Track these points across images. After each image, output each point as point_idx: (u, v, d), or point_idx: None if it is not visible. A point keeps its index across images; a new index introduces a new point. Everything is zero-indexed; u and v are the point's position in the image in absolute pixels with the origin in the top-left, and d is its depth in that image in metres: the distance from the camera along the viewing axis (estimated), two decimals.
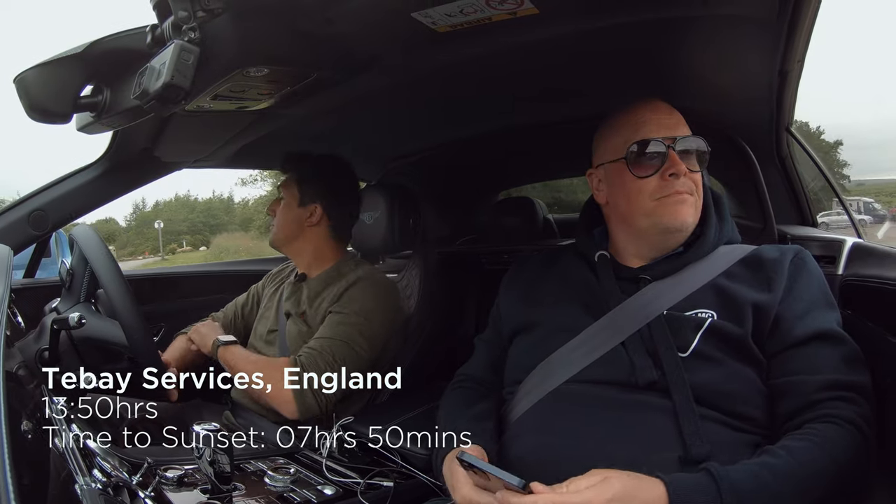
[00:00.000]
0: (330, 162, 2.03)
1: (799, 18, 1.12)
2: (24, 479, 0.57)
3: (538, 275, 1.38)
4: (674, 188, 1.19)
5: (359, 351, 1.75)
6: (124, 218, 39.01)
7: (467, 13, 1.07)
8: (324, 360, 1.69)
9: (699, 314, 1.13)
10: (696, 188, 1.21)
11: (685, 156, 1.20)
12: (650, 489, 0.92)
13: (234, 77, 1.17)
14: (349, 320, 1.79)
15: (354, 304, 1.82)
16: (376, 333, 1.81)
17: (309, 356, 1.70)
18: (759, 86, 1.46)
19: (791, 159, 1.85)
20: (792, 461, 0.95)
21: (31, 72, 1.15)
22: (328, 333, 1.77)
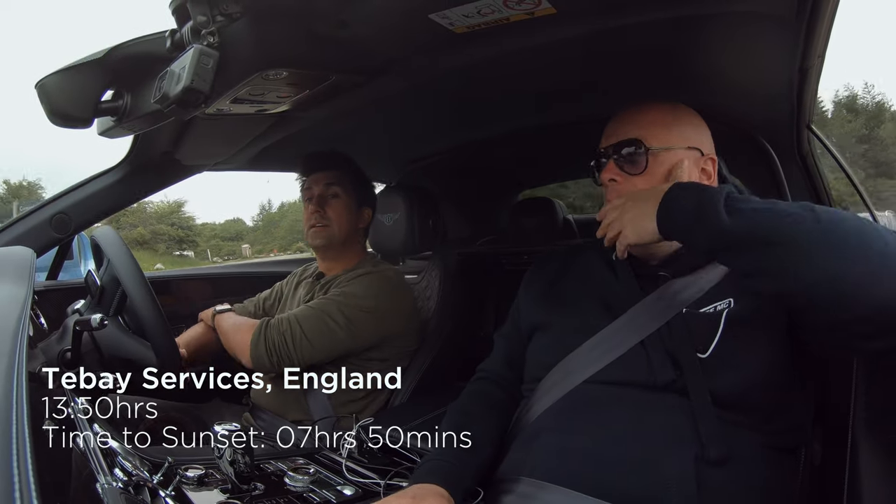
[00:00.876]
0: (359, 166, 2.05)
1: (818, 15, 1.10)
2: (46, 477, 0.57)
3: (558, 273, 1.38)
4: (607, 196, 1.25)
5: (332, 326, 1.77)
6: (251, 218, 41.24)
7: (485, 14, 1.06)
8: (289, 323, 1.75)
9: (718, 307, 1.12)
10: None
11: (623, 161, 1.24)
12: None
13: (254, 80, 1.17)
14: (334, 297, 1.82)
15: (349, 287, 1.85)
16: (360, 319, 1.81)
17: (277, 318, 1.77)
18: (779, 83, 1.44)
19: (812, 157, 1.83)
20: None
21: (53, 77, 1.16)
22: (309, 304, 1.83)
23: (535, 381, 1.25)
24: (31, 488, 0.40)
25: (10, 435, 0.44)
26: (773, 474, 1.06)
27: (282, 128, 1.67)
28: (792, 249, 0.91)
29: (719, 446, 1.01)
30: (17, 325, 0.70)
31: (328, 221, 1.96)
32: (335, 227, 1.96)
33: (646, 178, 1.21)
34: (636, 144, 1.22)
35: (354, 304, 1.81)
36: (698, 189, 1.04)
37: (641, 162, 1.22)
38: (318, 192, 1.97)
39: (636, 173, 1.22)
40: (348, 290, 1.83)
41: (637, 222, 1.09)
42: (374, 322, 1.85)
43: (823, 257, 0.90)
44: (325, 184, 1.97)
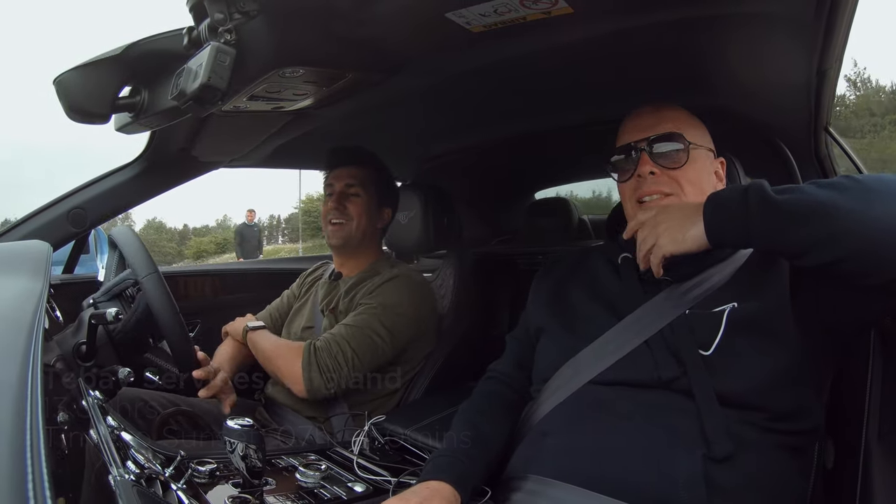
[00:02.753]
0: (385, 165, 2.05)
1: (836, 17, 1.10)
2: (59, 469, 0.58)
3: (567, 275, 1.39)
4: (642, 189, 1.24)
5: (377, 340, 1.76)
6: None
7: (501, 13, 1.06)
8: (337, 344, 1.71)
9: (721, 308, 1.12)
10: (679, 186, 1.22)
11: (661, 155, 1.23)
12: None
13: (270, 78, 1.18)
14: (372, 310, 1.80)
15: (382, 296, 1.83)
16: (399, 327, 1.82)
17: (324, 340, 1.73)
18: (797, 85, 1.43)
19: (830, 160, 1.81)
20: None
21: (71, 73, 1.17)
22: (349, 321, 1.79)
23: (543, 382, 1.26)
24: (44, 480, 0.40)
25: (25, 427, 0.45)
26: (783, 475, 1.06)
27: (298, 125, 1.68)
28: (842, 211, 0.92)
29: (726, 445, 1.01)
30: (33, 318, 0.70)
31: (348, 218, 1.95)
32: (354, 224, 1.95)
33: (684, 172, 1.22)
34: (677, 138, 1.22)
35: (393, 312, 1.82)
36: (736, 189, 1.05)
37: (682, 156, 1.22)
38: (338, 188, 1.96)
39: (675, 167, 1.22)
40: (384, 301, 1.83)
41: (674, 232, 1.09)
42: (410, 326, 1.87)
43: (873, 212, 0.91)
44: (347, 181, 1.96)
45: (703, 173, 1.24)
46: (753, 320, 1.09)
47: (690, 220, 1.07)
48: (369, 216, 1.97)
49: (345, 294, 1.93)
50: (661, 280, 1.19)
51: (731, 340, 1.09)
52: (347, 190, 1.96)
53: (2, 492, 0.37)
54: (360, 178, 1.96)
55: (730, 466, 1.00)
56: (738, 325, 1.09)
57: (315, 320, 1.97)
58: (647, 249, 1.13)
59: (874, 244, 0.90)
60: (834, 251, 0.93)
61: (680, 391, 1.08)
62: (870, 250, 0.91)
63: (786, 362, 1.06)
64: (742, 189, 1.02)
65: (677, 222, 1.09)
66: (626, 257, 1.27)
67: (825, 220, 0.93)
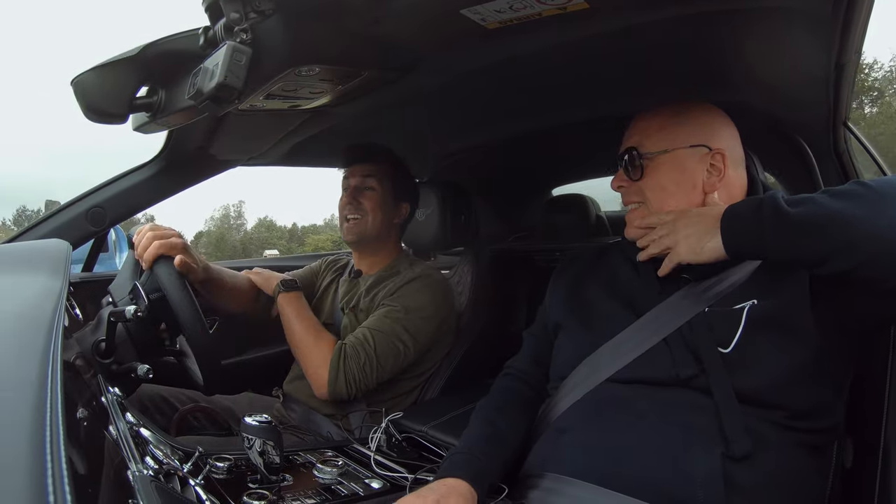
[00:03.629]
0: (402, 161, 2.04)
1: (855, 9, 1.08)
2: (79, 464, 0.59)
3: (585, 272, 1.39)
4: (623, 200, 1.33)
5: (401, 347, 1.76)
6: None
7: (517, 9, 1.06)
8: (365, 352, 1.71)
9: (740, 305, 1.12)
10: (643, 195, 1.28)
11: (626, 169, 1.30)
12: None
13: (287, 76, 1.18)
14: (396, 314, 1.79)
15: (405, 299, 1.83)
16: (423, 331, 1.82)
17: (353, 346, 1.71)
18: (815, 80, 1.42)
19: (849, 154, 1.79)
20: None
21: (88, 74, 1.18)
22: (375, 325, 1.77)
23: (560, 379, 1.26)
24: (63, 475, 0.41)
25: (44, 423, 0.45)
26: (801, 473, 1.05)
27: (315, 123, 1.68)
28: (856, 220, 0.93)
29: (745, 443, 1.01)
30: (53, 315, 0.71)
31: (362, 213, 1.94)
32: (369, 219, 1.94)
33: (647, 181, 1.27)
34: (631, 152, 1.28)
35: (417, 316, 1.82)
36: (752, 201, 1.07)
37: (638, 168, 1.27)
38: (353, 183, 1.96)
39: (637, 179, 1.27)
40: (408, 304, 1.82)
41: (693, 241, 1.12)
42: (432, 329, 1.87)
43: (886, 218, 0.92)
44: (361, 176, 1.96)
45: (672, 176, 1.25)
46: (773, 317, 1.09)
47: (709, 232, 1.09)
48: (385, 211, 1.96)
49: (365, 293, 1.93)
50: (680, 278, 1.19)
51: (751, 338, 1.08)
52: (362, 185, 1.95)
53: (22, 487, 0.37)
54: (374, 173, 1.96)
55: (748, 465, 1.00)
56: (758, 323, 1.09)
57: (335, 317, 1.97)
58: (662, 249, 1.16)
59: (889, 250, 0.91)
60: (849, 260, 0.94)
61: (698, 389, 1.08)
62: (885, 256, 0.91)
63: (805, 360, 1.05)
64: (757, 202, 1.04)
65: (697, 231, 1.12)
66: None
67: (839, 230, 0.94)
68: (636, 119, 1.32)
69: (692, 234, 1.12)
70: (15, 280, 0.93)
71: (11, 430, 0.43)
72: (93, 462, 0.74)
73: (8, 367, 0.55)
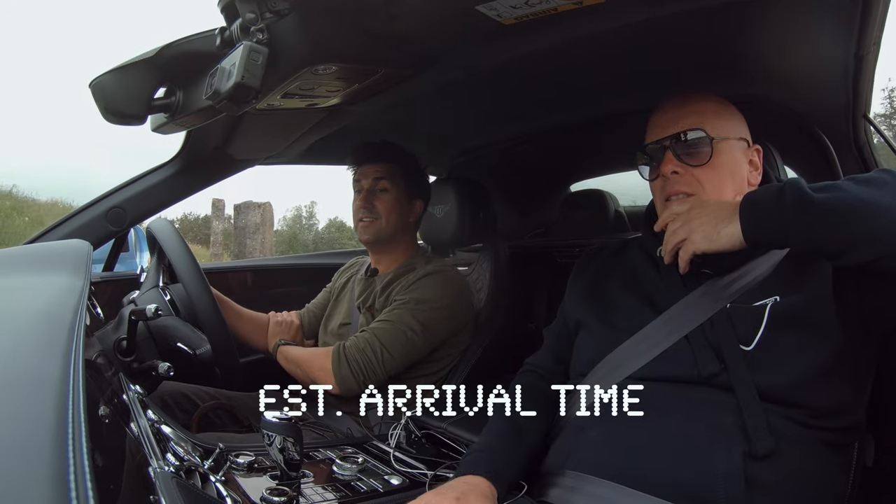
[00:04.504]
0: (414, 157, 2.04)
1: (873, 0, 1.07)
2: (101, 461, 0.59)
3: (604, 268, 1.38)
4: (667, 189, 1.22)
5: (410, 335, 1.76)
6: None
7: (532, 4, 1.05)
8: (366, 341, 1.73)
9: (763, 302, 1.10)
10: (700, 185, 1.20)
11: (684, 152, 1.21)
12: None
13: (304, 75, 1.18)
14: (406, 305, 1.80)
15: (417, 291, 1.83)
16: (434, 321, 1.82)
17: (353, 338, 1.75)
18: (835, 72, 1.40)
19: (869, 147, 1.77)
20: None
21: (106, 76, 1.19)
22: (382, 317, 1.80)
23: (581, 376, 1.25)
24: (85, 472, 0.41)
25: (67, 420, 0.46)
26: (822, 472, 1.04)
27: (332, 121, 1.68)
28: (881, 208, 0.90)
29: (767, 442, 0.99)
30: (74, 314, 0.72)
31: (376, 215, 1.94)
32: (383, 221, 1.95)
33: (707, 170, 1.20)
34: (698, 133, 1.20)
35: (428, 307, 1.82)
36: (771, 187, 1.02)
37: (706, 152, 1.20)
38: (366, 185, 1.96)
39: (699, 164, 1.20)
40: (418, 296, 1.83)
41: (709, 228, 1.07)
42: (446, 322, 1.86)
43: None
44: (373, 177, 1.96)
45: (731, 166, 1.21)
46: (796, 314, 1.07)
47: (726, 218, 1.05)
48: (399, 211, 1.97)
49: (381, 291, 1.93)
50: (701, 273, 1.17)
51: (773, 335, 1.06)
52: (375, 186, 1.96)
53: (45, 483, 0.38)
54: (387, 173, 1.96)
55: (769, 463, 0.99)
56: (780, 320, 1.07)
57: (352, 317, 1.98)
58: (677, 243, 1.12)
59: None
60: (874, 250, 0.91)
61: (720, 387, 1.07)
62: None
63: (828, 358, 1.04)
64: (778, 188, 0.99)
65: (712, 219, 1.07)
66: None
67: (865, 217, 0.90)
68: (680, 101, 1.25)
69: (707, 222, 1.07)
70: (37, 280, 0.94)
71: (35, 428, 0.44)
72: (114, 459, 0.75)
73: (31, 365, 0.56)
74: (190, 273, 1.53)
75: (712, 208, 1.10)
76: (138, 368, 1.49)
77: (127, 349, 1.48)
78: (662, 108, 1.26)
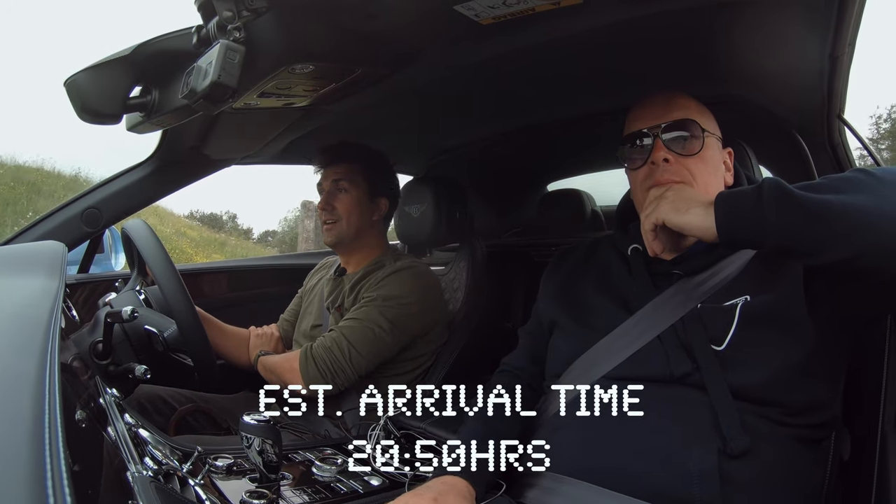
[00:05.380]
0: (381, 154, 2.03)
1: (848, 1, 1.09)
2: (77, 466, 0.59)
3: (577, 268, 1.38)
4: (654, 178, 1.20)
5: (378, 332, 1.75)
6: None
7: (510, 4, 1.06)
8: (332, 340, 1.73)
9: (734, 301, 1.11)
10: (692, 175, 1.19)
11: (675, 142, 1.20)
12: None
13: (280, 74, 1.18)
14: (374, 302, 1.79)
15: (385, 288, 1.83)
16: (403, 318, 1.81)
17: (320, 339, 1.74)
18: (809, 72, 1.42)
19: (843, 147, 1.80)
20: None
21: (82, 75, 1.17)
22: (349, 315, 1.79)
23: (556, 377, 1.25)
24: (62, 477, 0.41)
25: (43, 424, 0.45)
26: (798, 468, 1.05)
27: (309, 121, 1.68)
28: (856, 207, 0.90)
29: (741, 440, 1.00)
30: (50, 317, 0.71)
31: (337, 217, 1.94)
32: (344, 222, 1.94)
33: (698, 161, 1.20)
34: (691, 125, 1.20)
35: (396, 303, 1.80)
36: (750, 186, 1.01)
37: (698, 144, 1.20)
38: (326, 187, 1.96)
39: (690, 154, 1.20)
40: (386, 293, 1.82)
41: (678, 202, 1.07)
42: (415, 318, 1.85)
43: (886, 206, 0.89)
44: (333, 179, 1.95)
45: (716, 162, 1.22)
46: (766, 313, 1.08)
47: (701, 204, 1.04)
48: (360, 211, 1.95)
49: (349, 291, 1.92)
50: (672, 273, 1.18)
51: (744, 335, 1.07)
52: (335, 188, 1.95)
53: (22, 489, 0.37)
54: (346, 174, 1.94)
55: (745, 461, 1.00)
56: (751, 319, 1.08)
57: (323, 318, 1.97)
58: (647, 217, 1.12)
59: (890, 240, 0.89)
60: (849, 249, 0.90)
61: (693, 386, 1.07)
62: (886, 246, 0.89)
63: (799, 356, 1.05)
64: (755, 186, 0.98)
65: (685, 197, 1.07)
66: (636, 249, 1.26)
67: (841, 216, 0.90)
68: (670, 94, 1.25)
69: (679, 198, 1.07)
70: (11, 282, 0.93)
71: (11, 432, 0.43)
72: (92, 463, 0.74)
73: (6, 368, 0.55)
74: (165, 274, 1.52)
75: (690, 192, 1.09)
76: (115, 371, 1.47)
77: (103, 352, 1.47)
78: (649, 101, 1.26)
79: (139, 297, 1.68)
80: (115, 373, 1.47)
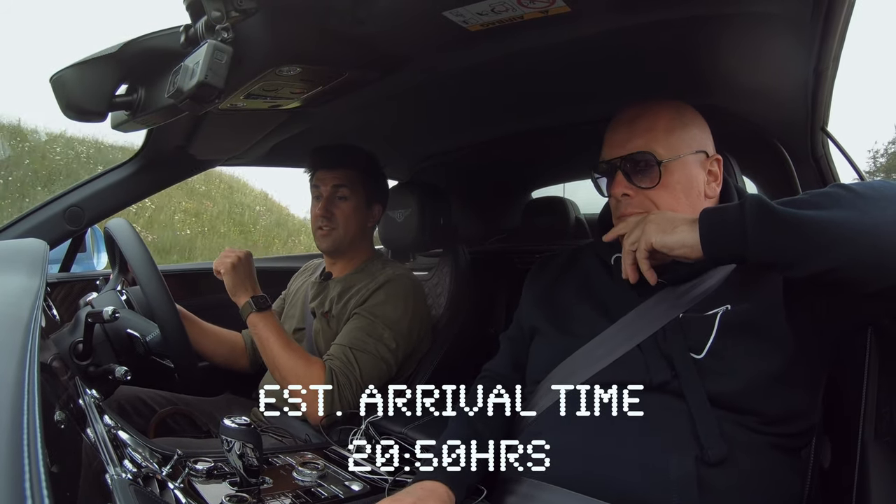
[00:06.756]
0: (376, 160, 2.00)
1: (833, 16, 1.10)
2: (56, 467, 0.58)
3: (558, 275, 1.39)
4: (619, 210, 1.23)
5: (384, 367, 1.74)
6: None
7: (499, 11, 1.06)
8: (357, 380, 1.67)
9: (714, 311, 1.11)
10: (655, 205, 1.20)
11: (635, 174, 1.21)
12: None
13: (267, 76, 1.18)
14: (380, 332, 1.76)
15: (380, 308, 1.80)
16: (402, 342, 1.80)
17: (343, 374, 1.67)
18: (794, 85, 1.44)
19: (827, 160, 1.82)
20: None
21: (68, 71, 1.16)
22: (359, 345, 1.73)
23: (536, 383, 1.26)
24: (41, 478, 0.40)
25: (21, 425, 0.45)
26: (778, 476, 1.05)
27: (295, 123, 1.67)
28: (836, 221, 0.91)
29: (719, 448, 1.01)
30: (30, 316, 0.70)
31: (335, 224, 1.90)
32: (341, 230, 1.90)
33: (659, 191, 1.20)
34: (646, 157, 1.20)
35: (396, 329, 1.78)
36: (732, 203, 1.02)
37: (654, 175, 1.20)
38: (325, 193, 1.90)
39: (649, 186, 1.20)
40: (385, 318, 1.78)
41: (664, 224, 1.07)
42: (410, 337, 1.84)
43: (867, 220, 0.91)
44: (333, 184, 1.90)
45: (684, 183, 1.21)
46: (747, 323, 1.09)
47: (684, 223, 1.05)
48: (358, 218, 1.93)
49: (337, 298, 1.89)
50: (656, 283, 1.19)
51: (723, 343, 1.08)
52: (335, 194, 1.90)
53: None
54: (347, 180, 1.90)
55: (723, 469, 1.00)
56: (731, 328, 1.09)
57: (306, 322, 1.94)
58: (633, 243, 1.12)
59: (869, 253, 0.90)
60: (829, 261, 0.92)
61: (672, 394, 1.08)
62: (865, 259, 0.91)
63: (779, 365, 1.06)
64: (738, 203, 1.00)
65: (668, 218, 1.08)
66: (619, 257, 1.25)
67: (821, 230, 0.92)
68: (631, 118, 1.24)
69: (663, 220, 1.08)
70: None
71: None
72: (70, 465, 0.73)
73: None
74: (148, 275, 1.51)
75: (670, 215, 1.10)
76: (95, 372, 1.46)
77: (83, 352, 1.46)
78: (616, 123, 1.26)
79: (121, 297, 1.67)
80: (95, 374, 1.46)
